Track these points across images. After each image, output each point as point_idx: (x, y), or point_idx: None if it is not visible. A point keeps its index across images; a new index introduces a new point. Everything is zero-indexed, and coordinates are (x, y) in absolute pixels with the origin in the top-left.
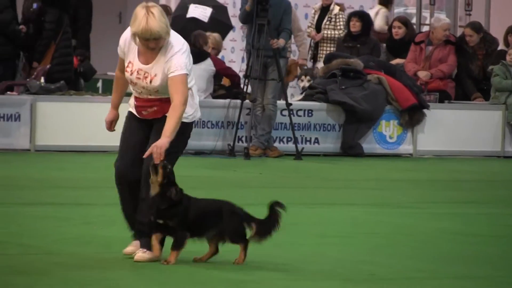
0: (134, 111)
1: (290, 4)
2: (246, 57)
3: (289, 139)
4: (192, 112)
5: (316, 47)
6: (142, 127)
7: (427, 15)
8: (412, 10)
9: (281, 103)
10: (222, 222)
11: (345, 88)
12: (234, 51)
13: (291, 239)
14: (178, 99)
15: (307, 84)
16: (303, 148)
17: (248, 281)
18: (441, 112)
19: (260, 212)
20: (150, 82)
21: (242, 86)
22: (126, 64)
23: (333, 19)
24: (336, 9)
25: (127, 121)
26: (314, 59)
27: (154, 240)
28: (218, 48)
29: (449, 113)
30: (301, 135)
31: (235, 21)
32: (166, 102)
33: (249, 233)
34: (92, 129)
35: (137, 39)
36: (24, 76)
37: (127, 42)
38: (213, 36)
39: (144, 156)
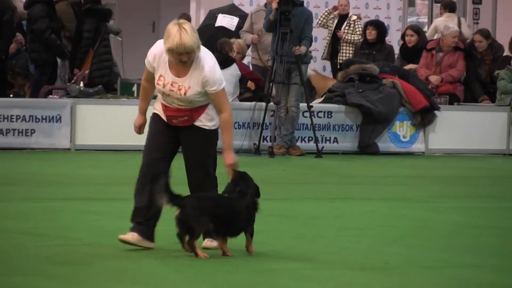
0: (162, 116)
1: (311, 14)
2: (271, 63)
3: (310, 138)
4: (216, 121)
5: (334, 47)
6: (168, 130)
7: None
8: (424, 19)
9: (303, 105)
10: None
11: (362, 92)
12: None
13: (312, 231)
14: (227, 112)
15: None
16: (323, 147)
17: (273, 270)
18: (451, 113)
19: (284, 207)
20: (185, 94)
21: (266, 88)
22: (157, 78)
23: (352, 25)
24: (354, 16)
25: (152, 123)
26: (332, 59)
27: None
28: (242, 53)
29: (459, 114)
30: (321, 135)
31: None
32: (195, 111)
33: None
34: (127, 130)
35: (169, 56)
36: (64, 81)
37: (156, 57)
38: (237, 41)
39: (230, 175)
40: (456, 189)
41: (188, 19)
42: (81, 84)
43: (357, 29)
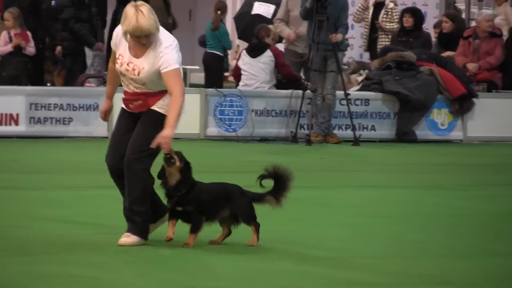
0: (123, 105)
1: (347, 1)
2: (307, 51)
3: (348, 126)
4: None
5: (371, 37)
6: (130, 123)
7: (476, 10)
8: (461, 5)
9: (339, 93)
10: (233, 204)
11: (399, 79)
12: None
13: (348, 219)
14: (176, 91)
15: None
16: (360, 135)
17: (311, 258)
18: (489, 100)
19: (321, 195)
20: (138, 74)
21: (303, 80)
22: (117, 56)
23: (389, 13)
24: (391, 4)
25: (118, 118)
26: (371, 49)
27: (171, 226)
28: (275, 39)
29: (497, 102)
30: (358, 123)
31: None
32: (150, 96)
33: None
34: None
35: (128, 36)
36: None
37: (119, 36)
38: (272, 29)
39: (152, 146)
40: (495, 177)
41: (224, 6)
42: None
43: (395, 17)
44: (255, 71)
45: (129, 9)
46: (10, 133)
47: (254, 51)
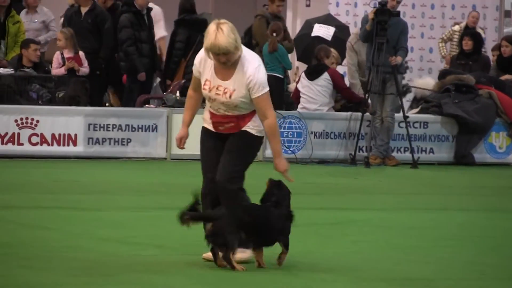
0: (209, 126)
1: (406, 24)
2: (367, 73)
3: (406, 149)
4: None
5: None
6: (217, 144)
7: None
8: None
9: (398, 115)
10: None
11: (458, 102)
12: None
13: (408, 241)
14: (271, 115)
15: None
16: (419, 158)
17: (369, 280)
18: None
19: (380, 217)
20: (230, 97)
21: (366, 101)
22: (203, 82)
23: None
24: (480, 30)
25: (203, 138)
26: None
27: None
28: (336, 61)
29: None
30: (417, 145)
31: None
32: (242, 118)
33: None
34: None
35: (212, 58)
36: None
37: (202, 62)
38: (333, 52)
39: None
40: None
41: (279, 29)
42: (177, 93)
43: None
44: (313, 94)
45: (210, 27)
46: (68, 153)
47: (312, 74)
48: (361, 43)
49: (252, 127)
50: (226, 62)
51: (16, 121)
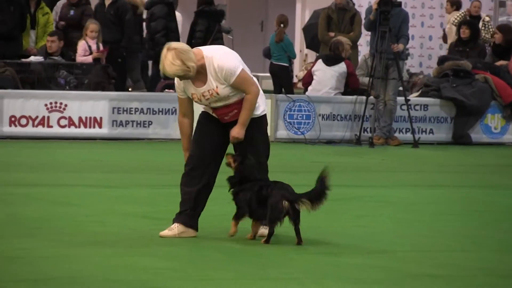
0: (210, 112)
1: (407, 14)
2: (371, 60)
3: (408, 130)
4: (263, 107)
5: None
6: (215, 125)
7: None
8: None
9: (400, 98)
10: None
11: (456, 86)
12: (359, 54)
13: (409, 216)
14: (252, 92)
15: None
16: (419, 138)
17: (375, 251)
18: None
19: (384, 193)
20: (218, 93)
21: (367, 87)
22: (191, 97)
23: (486, 25)
24: (487, 18)
25: (201, 117)
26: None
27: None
28: (347, 54)
29: None
30: (418, 127)
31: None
32: (241, 103)
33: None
34: None
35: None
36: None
37: (180, 81)
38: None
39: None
40: None
41: (286, 20)
42: None
43: (491, 29)
44: (326, 77)
45: (162, 51)
46: (94, 135)
47: (330, 60)
48: (373, 59)
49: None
50: (185, 78)
51: (46, 105)
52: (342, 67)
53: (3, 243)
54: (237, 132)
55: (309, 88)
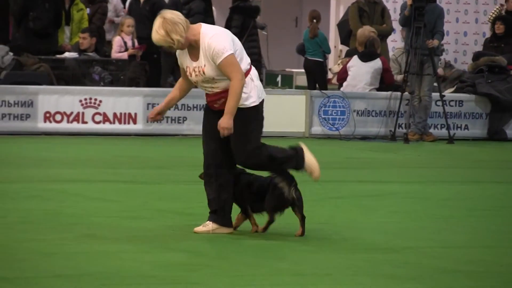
0: (209, 105)
1: (442, 10)
2: (405, 56)
3: (442, 126)
4: (253, 98)
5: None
6: (218, 119)
7: None
8: None
9: (435, 94)
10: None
11: (491, 82)
12: (393, 50)
13: (444, 212)
14: (235, 79)
15: None
16: (454, 134)
17: (409, 247)
18: None
19: (418, 189)
20: (204, 73)
21: (401, 83)
22: (186, 71)
23: None
24: None
25: (204, 113)
26: None
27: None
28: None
29: None
30: (453, 122)
31: (395, 25)
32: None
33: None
34: (273, 117)
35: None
36: None
37: (180, 52)
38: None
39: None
40: None
41: (318, 16)
42: None
43: None
44: (361, 73)
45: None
46: (128, 131)
47: (366, 57)
48: (404, 56)
49: (241, 99)
50: (175, 50)
51: (80, 101)
52: (377, 63)
53: (40, 239)
54: (224, 122)
55: (344, 84)
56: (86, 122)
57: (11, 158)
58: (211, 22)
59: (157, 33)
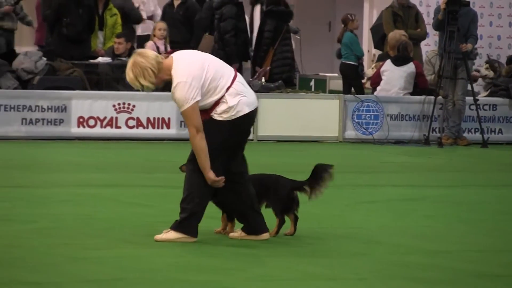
0: None
1: (476, 14)
2: (439, 60)
3: (476, 130)
4: (230, 113)
5: None
6: None
7: None
8: None
9: (469, 98)
10: (269, 197)
11: None
12: (427, 53)
13: (475, 216)
14: (190, 134)
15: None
16: (488, 138)
17: (442, 251)
18: None
19: (452, 193)
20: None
21: (435, 87)
22: None
23: None
24: None
25: None
26: None
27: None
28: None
29: None
30: (486, 126)
31: (429, 29)
32: (208, 112)
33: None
34: (306, 121)
35: None
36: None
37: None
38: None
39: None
40: None
41: (345, 19)
42: (263, 79)
43: None
44: (395, 78)
45: None
46: (162, 135)
47: (399, 61)
48: (437, 57)
49: (213, 113)
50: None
51: (114, 106)
52: (410, 67)
53: (72, 244)
54: (208, 180)
55: (378, 88)
56: (119, 127)
57: (44, 163)
58: (243, 26)
59: (128, 74)
